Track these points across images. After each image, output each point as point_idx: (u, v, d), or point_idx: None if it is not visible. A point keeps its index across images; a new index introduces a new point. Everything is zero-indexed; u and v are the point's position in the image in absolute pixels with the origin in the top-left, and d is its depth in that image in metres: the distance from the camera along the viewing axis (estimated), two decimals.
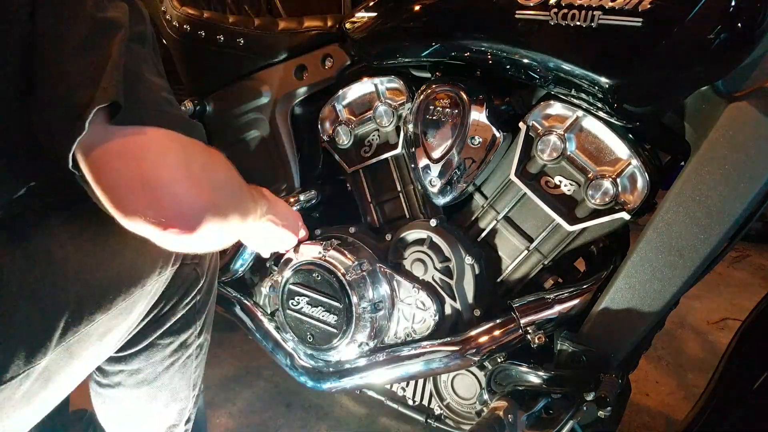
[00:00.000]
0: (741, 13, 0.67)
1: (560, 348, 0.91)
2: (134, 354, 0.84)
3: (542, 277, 1.03)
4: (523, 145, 0.94)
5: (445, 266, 1.05)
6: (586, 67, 0.78)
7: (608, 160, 0.88)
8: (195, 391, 0.97)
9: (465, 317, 1.05)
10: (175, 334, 0.86)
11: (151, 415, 0.92)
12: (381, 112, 1.08)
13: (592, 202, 0.88)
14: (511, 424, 0.89)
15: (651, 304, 0.83)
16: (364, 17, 1.03)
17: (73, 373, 0.72)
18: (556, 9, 0.77)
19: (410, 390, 1.20)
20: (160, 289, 0.80)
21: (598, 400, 0.84)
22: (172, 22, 1.30)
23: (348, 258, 1.07)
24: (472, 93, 0.95)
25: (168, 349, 0.87)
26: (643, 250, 0.82)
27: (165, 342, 0.86)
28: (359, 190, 1.18)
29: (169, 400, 0.92)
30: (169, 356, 0.87)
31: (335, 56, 1.13)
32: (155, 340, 0.84)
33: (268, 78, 1.21)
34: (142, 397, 0.89)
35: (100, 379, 0.89)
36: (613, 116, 0.83)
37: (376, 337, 1.10)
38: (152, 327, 0.83)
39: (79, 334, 0.67)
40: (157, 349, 0.85)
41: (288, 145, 1.24)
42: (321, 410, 1.48)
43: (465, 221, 1.07)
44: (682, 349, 1.78)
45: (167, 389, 0.90)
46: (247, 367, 1.66)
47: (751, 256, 2.46)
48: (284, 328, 1.17)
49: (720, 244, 0.78)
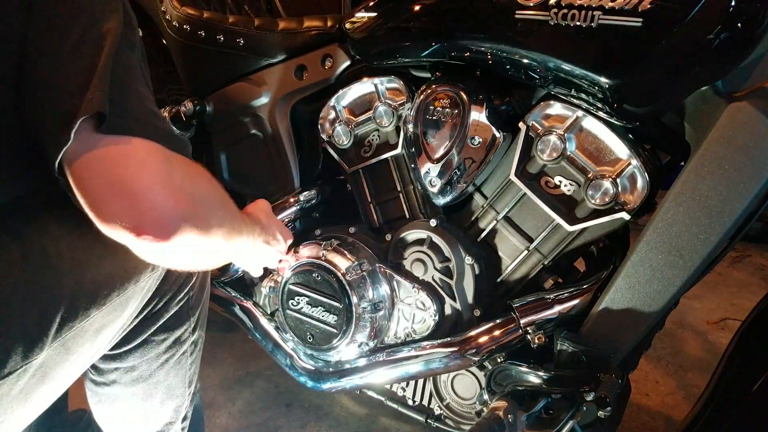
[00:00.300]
0: (741, 13, 0.67)
1: (560, 348, 0.91)
2: (129, 351, 0.84)
3: (542, 277, 1.03)
4: (523, 145, 0.94)
5: (445, 266, 1.05)
6: (586, 67, 0.78)
7: (608, 160, 0.88)
8: (191, 389, 0.97)
9: (465, 317, 1.05)
10: (169, 330, 0.86)
11: (147, 412, 0.92)
12: (381, 112, 1.08)
13: (592, 202, 0.88)
14: (511, 424, 0.89)
15: (651, 304, 0.83)
16: (364, 17, 1.03)
17: (69, 369, 0.72)
18: (556, 9, 0.77)
19: (410, 390, 1.20)
20: (153, 285, 0.80)
21: (598, 400, 0.84)
22: (172, 22, 1.30)
23: (348, 258, 1.07)
24: (472, 93, 0.95)
25: (162, 346, 0.87)
26: (643, 250, 0.82)
27: (159, 338, 0.86)
28: (359, 190, 1.18)
29: (165, 398, 0.92)
30: (163, 353, 0.87)
31: (335, 56, 1.13)
32: (149, 337, 0.84)
33: (268, 78, 1.21)
34: (138, 395, 0.89)
35: (95, 377, 0.89)
36: (613, 116, 0.83)
37: (376, 337, 1.10)
38: (146, 324, 0.83)
39: (74, 329, 0.67)
40: (152, 345, 0.86)
41: (288, 145, 1.24)
42: (321, 410, 1.48)
43: (465, 221, 1.07)
44: (682, 349, 1.78)
45: (163, 386, 0.90)
46: (247, 367, 1.66)
47: (751, 256, 2.46)
48: (284, 328, 1.17)
49: (720, 244, 0.78)
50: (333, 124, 1.15)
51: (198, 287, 0.90)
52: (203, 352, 0.98)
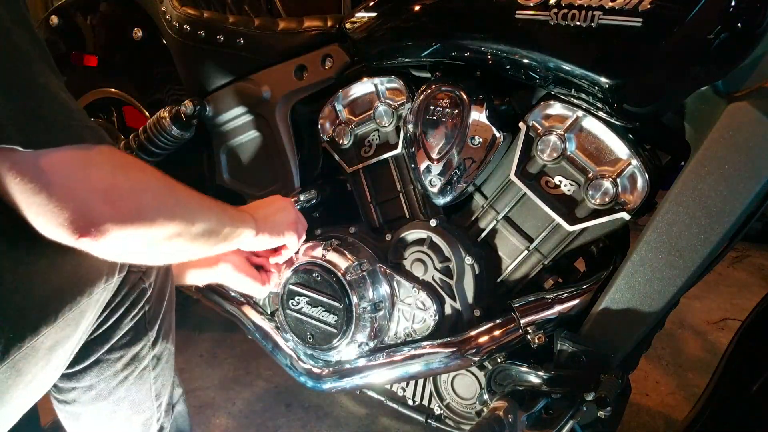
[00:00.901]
0: (741, 13, 0.67)
1: (560, 348, 0.91)
2: (83, 370, 0.80)
3: (542, 277, 1.03)
4: (523, 145, 0.94)
5: (445, 266, 1.05)
6: (586, 67, 0.78)
7: (608, 160, 0.88)
8: (160, 401, 0.93)
9: (465, 317, 1.05)
10: (124, 347, 0.82)
11: (114, 428, 0.88)
12: (381, 112, 1.08)
13: (592, 202, 0.88)
14: (511, 424, 0.89)
15: (651, 304, 0.83)
16: (364, 17, 1.03)
17: (24, 392, 0.68)
18: (556, 9, 0.77)
19: (410, 390, 1.20)
20: (107, 297, 0.76)
21: (598, 400, 0.84)
22: (172, 22, 1.30)
23: (348, 258, 1.07)
24: (472, 93, 0.95)
25: (119, 364, 0.82)
26: (643, 250, 0.82)
27: (114, 357, 0.81)
28: (359, 190, 1.18)
29: (130, 413, 0.88)
30: (121, 370, 0.83)
31: (335, 56, 1.13)
32: (103, 356, 0.80)
33: (268, 78, 1.21)
34: (102, 412, 0.85)
35: (56, 395, 0.85)
36: (613, 116, 0.83)
37: (376, 337, 1.10)
38: (98, 342, 0.79)
39: (24, 349, 0.63)
40: (107, 364, 0.81)
41: (288, 145, 1.24)
42: (321, 410, 1.48)
43: (465, 221, 1.07)
44: (682, 349, 1.78)
45: (126, 402, 0.86)
46: (247, 367, 1.66)
47: (751, 256, 2.46)
48: (284, 328, 1.17)
49: (720, 244, 0.78)
50: (333, 124, 1.15)
51: (155, 300, 0.85)
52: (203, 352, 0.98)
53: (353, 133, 1.14)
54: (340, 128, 1.14)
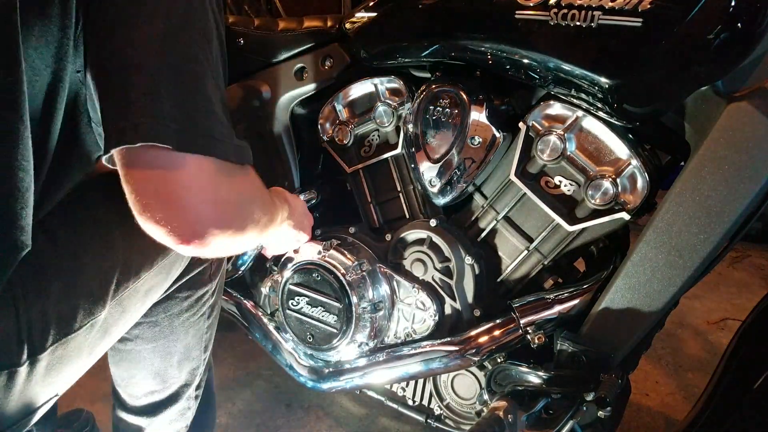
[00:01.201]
0: (741, 13, 0.67)
1: (560, 348, 0.91)
2: (154, 305, 0.88)
3: (542, 277, 1.03)
4: (523, 145, 0.94)
5: (445, 266, 1.05)
6: (586, 67, 0.78)
7: (608, 160, 0.88)
8: (206, 354, 1.00)
9: (465, 317, 1.05)
10: (192, 288, 0.90)
11: (164, 371, 0.95)
12: (381, 112, 1.08)
13: (592, 202, 0.88)
14: (511, 424, 0.89)
15: (651, 304, 0.83)
16: (364, 17, 1.03)
17: (123, 326, 0.80)
18: (556, 9, 0.77)
19: (410, 390, 1.20)
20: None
21: (598, 400, 0.84)
22: None
23: (348, 258, 1.07)
24: (472, 93, 0.95)
25: (185, 303, 0.91)
26: (643, 250, 0.82)
27: (182, 295, 0.90)
28: (359, 190, 1.18)
29: (182, 358, 0.95)
30: (185, 310, 0.91)
31: (335, 56, 1.13)
32: (173, 293, 0.88)
33: (268, 78, 1.21)
34: (158, 351, 0.92)
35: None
36: (613, 116, 0.83)
37: (376, 337, 1.10)
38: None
39: (129, 289, 0.75)
40: (175, 302, 0.90)
41: (288, 145, 1.24)
42: (321, 410, 1.48)
43: (465, 221, 1.07)
44: (682, 349, 1.78)
45: (181, 345, 0.94)
46: (247, 367, 1.66)
47: (751, 256, 2.45)
48: (284, 328, 1.17)
49: (720, 244, 0.78)
50: (333, 124, 1.15)
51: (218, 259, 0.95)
52: None
53: (353, 133, 1.14)
54: (340, 128, 1.14)
